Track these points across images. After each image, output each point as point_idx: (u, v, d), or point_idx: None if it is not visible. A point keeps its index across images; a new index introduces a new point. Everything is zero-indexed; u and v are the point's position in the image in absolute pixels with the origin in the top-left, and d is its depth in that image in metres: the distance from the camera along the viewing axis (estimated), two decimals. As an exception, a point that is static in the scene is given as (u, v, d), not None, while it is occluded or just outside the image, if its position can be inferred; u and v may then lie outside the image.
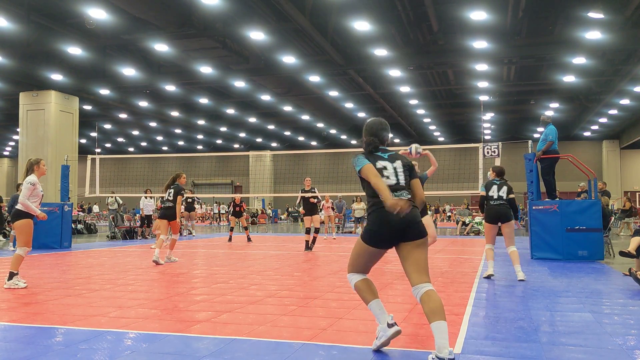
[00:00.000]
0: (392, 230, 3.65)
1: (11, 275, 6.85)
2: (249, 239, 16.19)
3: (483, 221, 8.26)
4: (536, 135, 33.65)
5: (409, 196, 3.84)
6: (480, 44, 18.13)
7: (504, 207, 7.56)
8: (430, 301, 3.55)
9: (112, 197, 20.32)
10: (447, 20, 17.71)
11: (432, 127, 37.35)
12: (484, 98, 26.56)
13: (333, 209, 20.20)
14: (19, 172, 23.43)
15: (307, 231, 12.53)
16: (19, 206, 6.94)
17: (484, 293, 6.41)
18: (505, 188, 7.64)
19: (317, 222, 12.57)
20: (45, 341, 4.19)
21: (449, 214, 37.30)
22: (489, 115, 32.57)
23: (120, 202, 20.49)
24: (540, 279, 7.64)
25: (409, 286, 7.06)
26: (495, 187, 7.67)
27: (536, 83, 25.49)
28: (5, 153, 50.48)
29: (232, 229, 16.60)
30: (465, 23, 17.36)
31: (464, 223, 21.03)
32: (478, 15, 15.87)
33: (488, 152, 11.95)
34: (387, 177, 3.82)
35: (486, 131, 38.06)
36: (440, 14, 17.18)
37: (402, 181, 3.85)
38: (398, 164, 3.88)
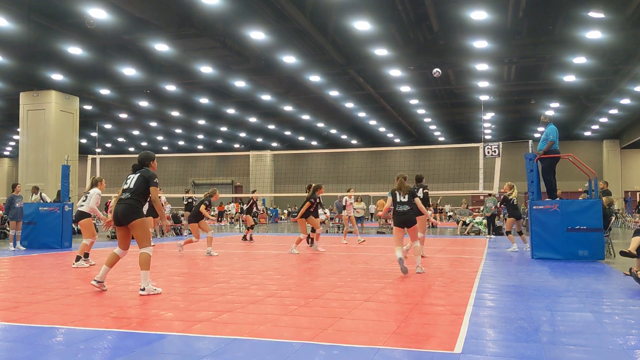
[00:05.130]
0: (117, 217, 6.16)
1: None
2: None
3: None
4: (536, 135, 33.63)
5: (132, 198, 6.14)
6: (480, 44, 18.11)
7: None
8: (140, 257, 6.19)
9: (36, 194, 16.03)
10: (447, 20, 17.70)
11: (433, 127, 37.33)
12: (484, 98, 26.54)
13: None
14: (20, 172, 23.44)
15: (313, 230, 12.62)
16: None
17: (484, 293, 6.40)
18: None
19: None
20: (45, 341, 4.19)
21: (449, 213, 37.21)
22: (489, 115, 32.56)
23: (48, 200, 16.45)
24: (540, 279, 7.64)
25: (410, 286, 7.06)
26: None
27: (536, 83, 25.47)
28: (6, 153, 50.46)
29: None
30: (466, 23, 17.35)
31: (464, 223, 21.01)
32: (478, 15, 15.86)
33: (488, 152, 11.95)
34: (127, 184, 6.24)
35: (486, 131, 38.03)
36: (440, 14, 17.16)
37: (132, 186, 6.19)
38: (137, 175, 6.27)
